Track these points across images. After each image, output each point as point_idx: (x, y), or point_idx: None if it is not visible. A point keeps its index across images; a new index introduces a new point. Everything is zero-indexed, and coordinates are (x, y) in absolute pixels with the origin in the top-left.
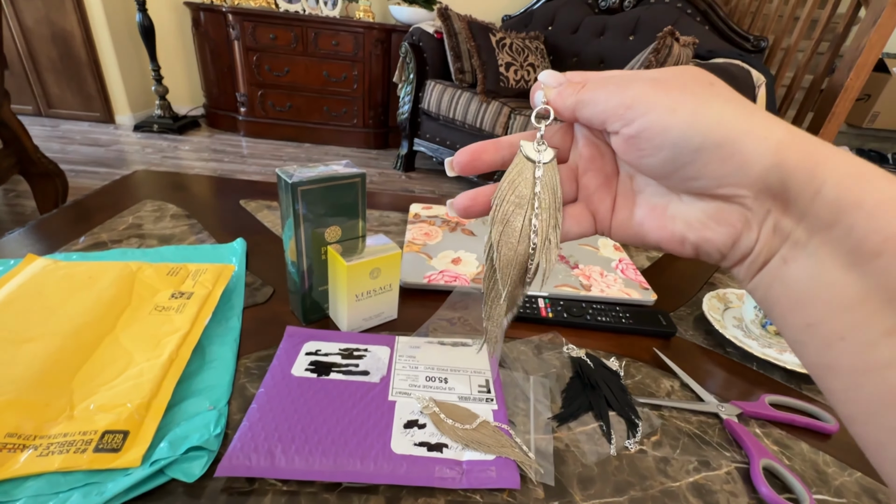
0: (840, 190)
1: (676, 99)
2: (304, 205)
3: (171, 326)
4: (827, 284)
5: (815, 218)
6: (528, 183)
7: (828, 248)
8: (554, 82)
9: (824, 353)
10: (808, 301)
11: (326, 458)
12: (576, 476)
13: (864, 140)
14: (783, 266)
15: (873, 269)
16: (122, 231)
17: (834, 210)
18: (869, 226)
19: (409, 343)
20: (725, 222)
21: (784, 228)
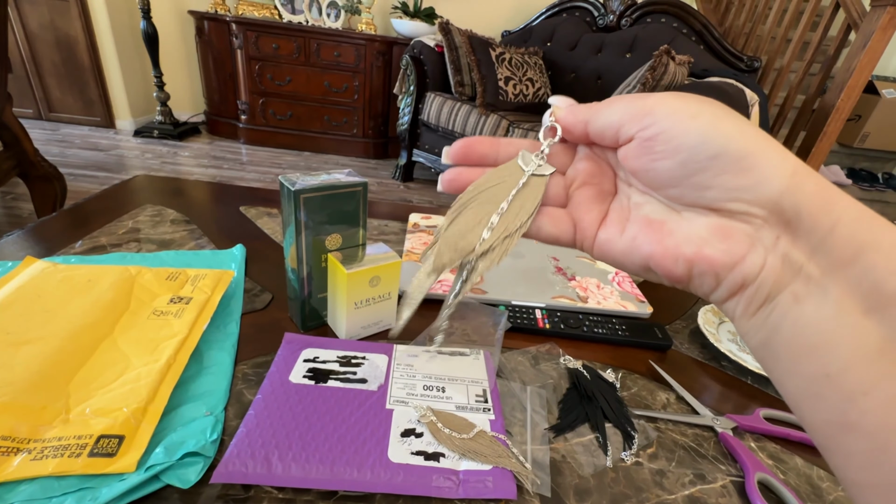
0: (857, 228)
1: (697, 107)
2: (305, 212)
3: (170, 331)
4: (847, 328)
5: (829, 254)
6: (509, 187)
7: (844, 289)
8: (565, 103)
9: (845, 409)
10: (827, 347)
11: (323, 465)
12: (572, 487)
13: (855, 160)
14: (795, 305)
15: (893, 314)
16: (122, 235)
17: (852, 248)
18: (888, 267)
19: (407, 351)
20: (729, 240)
21: (795, 261)
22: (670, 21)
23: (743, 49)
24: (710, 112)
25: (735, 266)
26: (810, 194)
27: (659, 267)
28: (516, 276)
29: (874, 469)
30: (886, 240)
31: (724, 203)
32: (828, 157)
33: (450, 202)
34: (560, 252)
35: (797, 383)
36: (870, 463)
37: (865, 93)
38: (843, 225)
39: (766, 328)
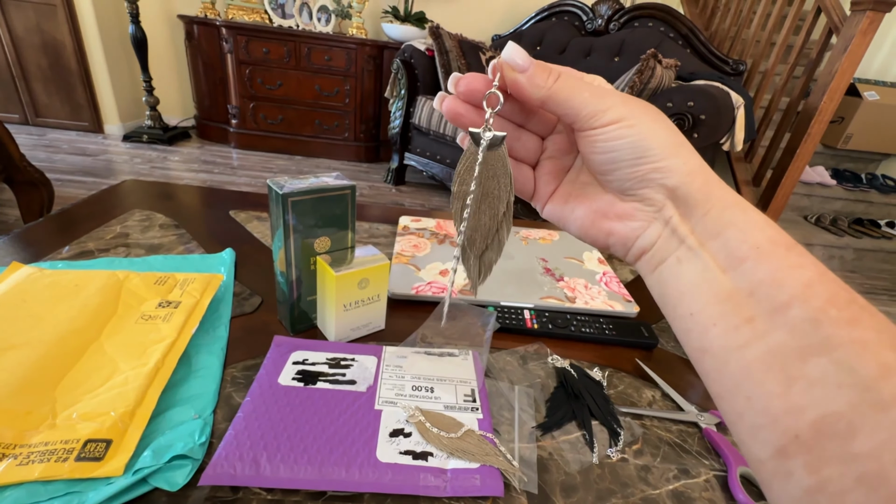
0: (724, 213)
1: (635, 116)
2: (294, 215)
3: (158, 335)
4: (708, 281)
5: (704, 230)
6: (472, 173)
7: (711, 254)
8: (523, 62)
9: (702, 336)
10: (694, 293)
11: (312, 466)
12: (559, 484)
13: (838, 160)
14: (678, 265)
15: (741, 270)
16: (110, 240)
17: (718, 226)
18: (740, 238)
19: (396, 353)
20: (633, 220)
21: (681, 234)
22: (657, 25)
23: (729, 52)
24: (644, 122)
25: (637, 238)
26: (697, 188)
27: (587, 237)
28: (505, 277)
29: (719, 381)
30: (740, 220)
31: (638, 190)
32: (812, 158)
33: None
34: (549, 253)
35: (677, 322)
36: (716, 377)
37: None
38: (715, 210)
39: (660, 283)
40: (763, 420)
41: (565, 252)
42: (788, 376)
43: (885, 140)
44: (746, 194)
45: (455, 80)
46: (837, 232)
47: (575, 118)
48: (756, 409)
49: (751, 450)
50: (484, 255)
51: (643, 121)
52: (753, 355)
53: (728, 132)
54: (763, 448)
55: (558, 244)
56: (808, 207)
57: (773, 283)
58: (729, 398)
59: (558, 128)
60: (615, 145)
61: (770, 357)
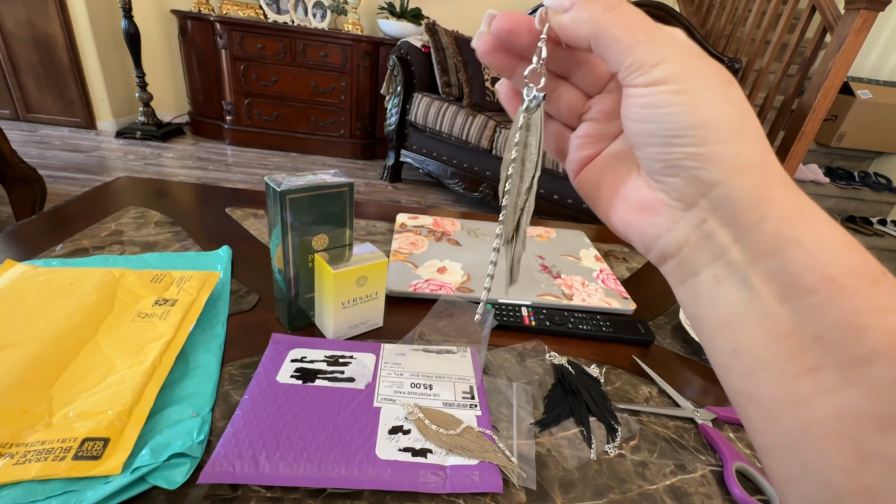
0: (783, 225)
1: (688, 80)
2: (291, 213)
3: (155, 333)
4: (759, 313)
5: (754, 244)
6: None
7: (763, 277)
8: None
9: (748, 381)
10: (739, 326)
11: (311, 464)
12: (557, 480)
13: (832, 158)
14: (716, 286)
15: (806, 305)
16: (104, 238)
17: (775, 241)
18: (806, 263)
19: (394, 350)
20: (655, 214)
21: (719, 243)
22: None
23: (724, 51)
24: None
25: (658, 238)
26: (747, 188)
27: (609, 220)
28: (502, 275)
29: (766, 435)
30: (808, 239)
31: (665, 178)
32: (806, 156)
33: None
34: (546, 250)
35: (714, 355)
36: (763, 429)
37: (841, 93)
38: (771, 220)
39: (692, 300)
40: (823, 494)
41: (562, 249)
42: (862, 450)
43: (878, 138)
44: None
45: (488, 19)
46: None
47: (617, 65)
48: (814, 479)
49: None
50: (511, 245)
51: (699, 87)
52: (816, 416)
53: None
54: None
55: (555, 241)
56: None
57: (849, 330)
58: (778, 457)
59: (609, 86)
60: (652, 114)
61: (838, 422)
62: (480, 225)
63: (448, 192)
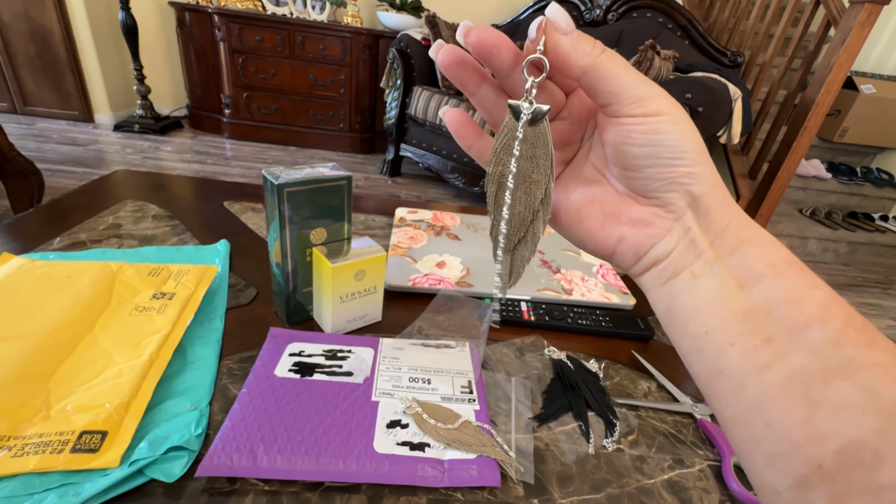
0: (742, 229)
1: (679, 114)
2: (289, 207)
3: (152, 327)
4: (725, 298)
5: (722, 245)
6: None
7: (728, 270)
8: (566, 26)
9: (717, 357)
10: (709, 310)
11: (309, 457)
12: (555, 474)
13: (834, 154)
14: (692, 280)
15: (758, 288)
16: (102, 231)
17: (735, 242)
18: (757, 255)
19: (393, 345)
20: (650, 227)
21: (699, 246)
22: (656, 16)
23: (727, 44)
24: (684, 122)
25: (652, 247)
26: (719, 200)
27: (592, 240)
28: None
29: (734, 405)
30: (756, 238)
31: (664, 192)
32: (808, 151)
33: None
34: (546, 245)
35: (687, 340)
36: (731, 400)
37: (844, 88)
38: (734, 226)
39: (669, 297)
40: (783, 448)
41: (562, 244)
42: (811, 401)
43: (881, 133)
44: (742, 187)
45: (465, 29)
46: (832, 225)
47: (615, 99)
48: (775, 435)
49: (766, 479)
50: (516, 250)
51: (684, 120)
52: (774, 378)
53: (725, 125)
54: (781, 478)
55: (555, 236)
56: (803, 200)
57: (791, 303)
58: (744, 424)
59: (563, 114)
60: (656, 139)
61: (791, 380)
62: (480, 219)
63: (448, 186)
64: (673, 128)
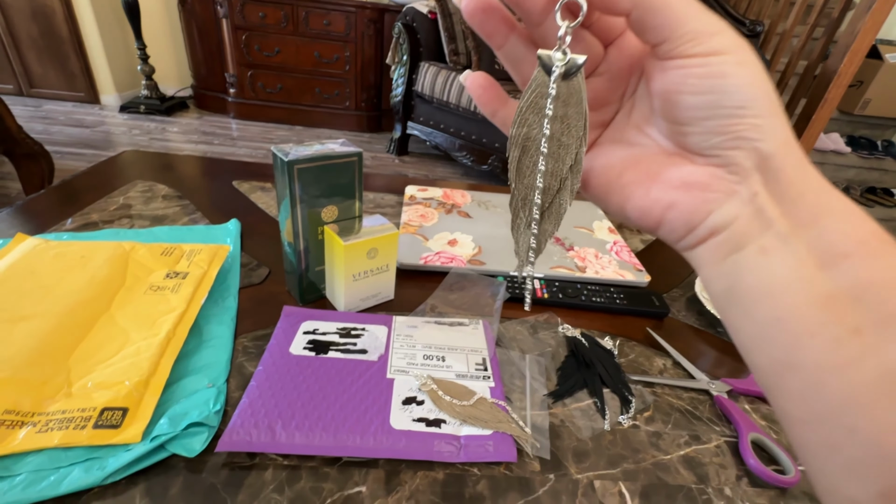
0: (820, 197)
1: (746, 54)
2: (300, 184)
3: (167, 306)
4: (803, 280)
5: (797, 215)
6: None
7: (805, 246)
8: None
9: (791, 349)
10: (782, 294)
11: (326, 433)
12: (571, 450)
13: (854, 127)
14: (761, 257)
15: (844, 268)
16: (113, 212)
17: (814, 213)
18: (840, 230)
19: (406, 322)
20: (708, 190)
21: (769, 216)
22: None
23: (745, 13)
24: (755, 64)
25: (709, 214)
26: (792, 162)
27: (636, 208)
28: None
29: (809, 404)
30: (839, 207)
31: (726, 149)
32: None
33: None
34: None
35: (750, 327)
36: (806, 399)
37: (868, 57)
38: (811, 192)
39: (729, 276)
40: (869, 456)
41: (575, 221)
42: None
43: None
44: None
45: None
46: None
47: (669, 34)
48: (860, 441)
49: (842, 487)
50: (540, 223)
51: (754, 61)
52: (862, 377)
53: None
54: (863, 488)
55: (568, 213)
56: None
57: (885, 287)
58: (819, 426)
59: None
60: (717, 85)
61: (885, 380)
62: (491, 197)
63: (456, 165)
64: (739, 70)
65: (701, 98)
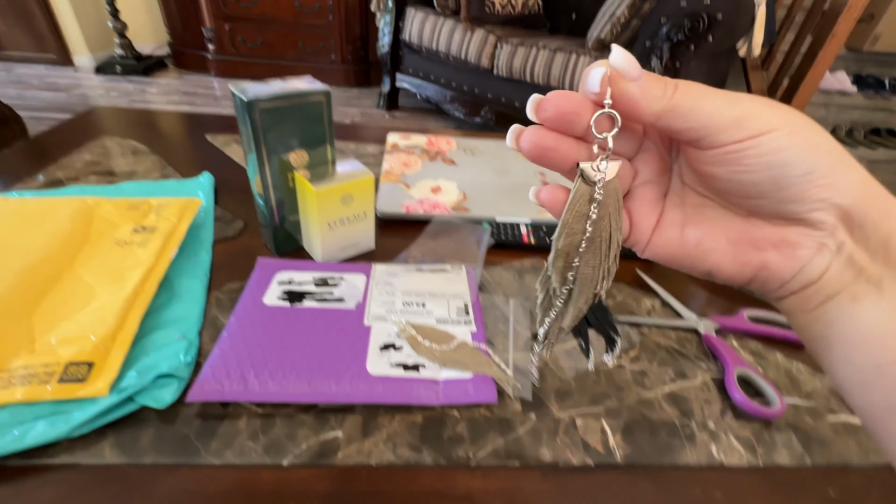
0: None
1: (794, 121)
2: (263, 127)
3: (135, 261)
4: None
5: (887, 257)
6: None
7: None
8: (635, 70)
9: (893, 393)
10: (880, 340)
11: (301, 380)
12: (554, 390)
13: (862, 65)
14: (853, 303)
15: None
16: (80, 168)
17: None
18: None
19: (386, 270)
20: (796, 247)
21: (858, 263)
22: None
23: None
24: (805, 127)
25: (801, 269)
26: (874, 204)
27: (723, 272)
28: (500, 192)
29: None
30: None
31: (805, 214)
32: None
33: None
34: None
35: (849, 372)
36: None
37: None
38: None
39: (821, 323)
40: None
41: None
42: None
43: None
44: None
45: (536, 102)
46: (852, 143)
47: (707, 130)
48: None
49: None
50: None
51: (801, 125)
52: None
53: (746, 34)
54: None
55: None
56: (824, 119)
57: None
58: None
59: (646, 145)
60: (777, 160)
61: None
62: (477, 143)
63: (448, 118)
64: (793, 139)
65: (764, 175)
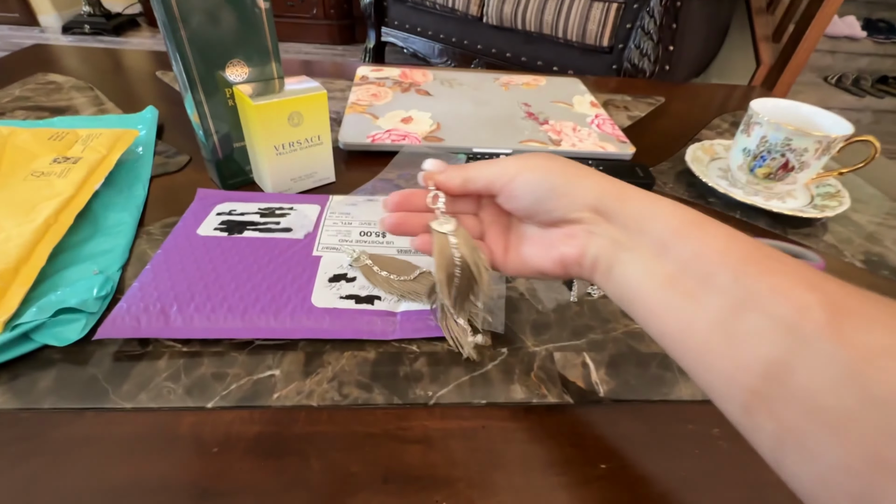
0: (641, 211)
1: (534, 163)
2: (183, 20)
3: (51, 191)
4: (649, 272)
5: (629, 229)
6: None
7: (644, 248)
8: (440, 166)
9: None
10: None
11: (233, 314)
12: (529, 323)
13: (871, 9)
14: (623, 266)
15: (670, 255)
16: (6, 104)
17: (640, 222)
18: (659, 227)
19: (344, 201)
20: (574, 239)
21: (616, 238)
22: None
23: None
24: (542, 166)
25: (585, 253)
26: (613, 197)
27: (548, 271)
28: (479, 122)
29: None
30: (656, 211)
31: (565, 215)
32: (843, 6)
33: None
34: (533, 98)
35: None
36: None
37: None
38: (634, 209)
39: (618, 286)
40: (724, 384)
41: (553, 96)
42: (729, 335)
43: None
44: (764, 52)
45: (384, 203)
46: (858, 93)
47: (491, 184)
48: (716, 375)
49: (727, 412)
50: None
51: (539, 164)
52: (700, 326)
53: None
54: (734, 408)
55: (545, 89)
56: (830, 67)
57: (696, 258)
58: (696, 373)
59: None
60: (529, 189)
61: (713, 323)
62: (456, 74)
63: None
64: (534, 174)
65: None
